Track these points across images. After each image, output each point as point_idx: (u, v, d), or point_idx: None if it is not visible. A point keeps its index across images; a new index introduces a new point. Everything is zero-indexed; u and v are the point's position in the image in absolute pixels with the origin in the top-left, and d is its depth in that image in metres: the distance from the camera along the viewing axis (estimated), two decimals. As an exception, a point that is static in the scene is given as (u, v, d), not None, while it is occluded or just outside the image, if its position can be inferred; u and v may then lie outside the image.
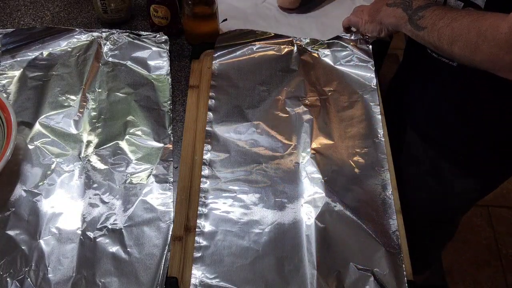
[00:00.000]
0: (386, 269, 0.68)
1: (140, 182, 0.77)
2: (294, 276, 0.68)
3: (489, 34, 0.61)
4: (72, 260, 0.69)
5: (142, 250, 0.70)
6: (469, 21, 0.64)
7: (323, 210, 0.73)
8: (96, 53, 0.91)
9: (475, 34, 0.63)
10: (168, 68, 0.90)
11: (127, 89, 0.87)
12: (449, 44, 0.67)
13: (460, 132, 0.83)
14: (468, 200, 0.99)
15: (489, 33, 0.61)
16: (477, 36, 0.62)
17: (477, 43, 0.62)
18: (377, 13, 0.84)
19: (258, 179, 0.77)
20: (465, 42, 0.64)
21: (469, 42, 0.63)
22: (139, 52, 0.92)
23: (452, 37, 0.66)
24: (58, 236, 0.71)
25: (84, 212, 0.74)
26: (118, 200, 0.75)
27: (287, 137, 0.81)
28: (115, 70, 0.90)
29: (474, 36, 0.63)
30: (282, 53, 0.92)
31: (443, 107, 0.84)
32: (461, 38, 0.65)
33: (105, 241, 0.71)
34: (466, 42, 0.64)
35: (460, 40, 0.65)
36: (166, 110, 0.85)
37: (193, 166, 0.79)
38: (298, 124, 0.82)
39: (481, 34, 0.62)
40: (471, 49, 0.64)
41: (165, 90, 0.88)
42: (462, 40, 0.65)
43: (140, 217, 0.73)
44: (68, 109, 0.84)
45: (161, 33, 0.94)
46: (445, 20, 0.68)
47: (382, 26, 0.85)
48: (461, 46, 0.65)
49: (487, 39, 0.61)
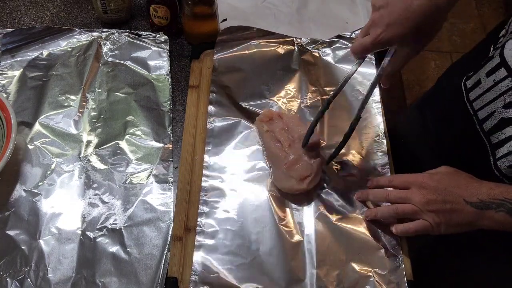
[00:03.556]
0: (386, 269, 0.68)
1: (140, 182, 0.77)
2: (294, 276, 0.68)
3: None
4: (72, 260, 0.69)
5: (142, 250, 0.70)
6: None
7: (323, 210, 0.73)
8: (96, 53, 0.91)
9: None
10: (168, 68, 0.90)
11: (127, 89, 0.87)
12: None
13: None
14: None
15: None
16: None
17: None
18: (451, 214, 0.63)
19: (259, 178, 0.77)
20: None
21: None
22: (139, 52, 0.92)
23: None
24: (58, 236, 0.71)
25: (84, 212, 0.74)
26: (118, 200, 0.75)
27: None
28: (115, 70, 0.90)
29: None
30: (282, 53, 0.92)
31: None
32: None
33: (105, 241, 0.71)
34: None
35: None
36: (166, 110, 0.85)
37: (193, 166, 0.78)
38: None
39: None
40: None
41: (165, 90, 0.87)
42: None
43: (140, 217, 0.73)
44: (68, 109, 0.84)
45: (161, 33, 0.94)
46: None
47: (444, 228, 0.64)
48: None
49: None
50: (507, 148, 0.65)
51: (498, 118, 0.67)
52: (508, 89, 0.65)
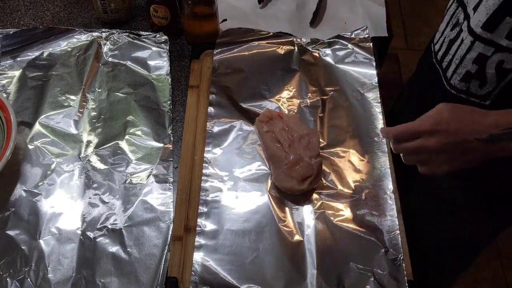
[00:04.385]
0: (386, 269, 0.68)
1: (140, 182, 0.77)
2: (294, 276, 0.68)
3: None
4: (72, 260, 0.69)
5: (142, 250, 0.70)
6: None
7: (323, 210, 0.73)
8: (96, 53, 0.91)
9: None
10: (168, 68, 0.90)
11: (127, 89, 0.87)
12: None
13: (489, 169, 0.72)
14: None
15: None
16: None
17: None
18: (465, 154, 0.62)
19: (259, 178, 0.77)
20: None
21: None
22: (139, 52, 0.92)
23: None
24: (58, 236, 0.71)
25: (84, 212, 0.74)
26: (118, 200, 0.75)
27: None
28: (115, 70, 0.90)
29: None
30: (282, 53, 0.92)
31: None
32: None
33: (105, 241, 0.71)
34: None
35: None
36: (166, 110, 0.85)
37: (193, 165, 0.78)
38: (298, 124, 0.82)
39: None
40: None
41: (165, 90, 0.87)
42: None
43: (140, 217, 0.73)
44: (68, 109, 0.84)
45: (161, 33, 0.94)
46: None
47: (464, 164, 0.63)
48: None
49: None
50: (454, 64, 0.70)
51: (446, 42, 0.72)
52: (453, 12, 0.71)
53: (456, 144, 0.60)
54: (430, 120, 0.61)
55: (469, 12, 0.68)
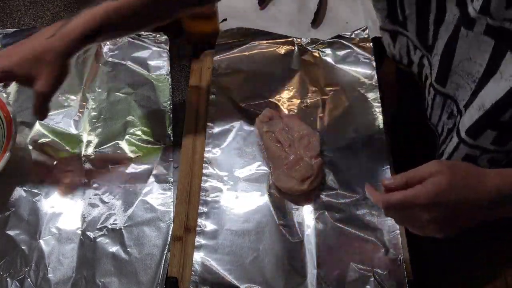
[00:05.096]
0: (386, 269, 0.68)
1: (140, 182, 0.77)
2: (294, 276, 0.68)
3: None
4: (72, 260, 0.69)
5: (142, 250, 0.70)
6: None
7: (323, 210, 0.73)
8: (96, 53, 0.91)
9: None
10: (168, 68, 0.90)
11: (127, 89, 0.87)
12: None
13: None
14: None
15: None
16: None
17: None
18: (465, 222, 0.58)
19: (259, 178, 0.77)
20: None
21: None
22: (139, 52, 0.92)
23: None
24: (58, 236, 0.71)
25: (84, 212, 0.74)
26: (118, 200, 0.75)
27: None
28: (115, 70, 0.90)
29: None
30: (282, 53, 0.92)
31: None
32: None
33: (105, 241, 0.71)
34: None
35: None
36: (166, 110, 0.85)
37: (193, 165, 0.78)
38: (298, 124, 0.82)
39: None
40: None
41: (165, 90, 0.87)
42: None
43: (140, 217, 0.73)
44: (68, 109, 0.84)
45: (161, 33, 0.94)
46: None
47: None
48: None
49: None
50: (446, 154, 0.68)
51: (441, 127, 0.71)
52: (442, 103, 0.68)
53: (456, 215, 0.56)
54: (426, 194, 0.55)
55: (461, 108, 0.64)
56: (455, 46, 0.59)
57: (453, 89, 0.64)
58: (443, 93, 0.66)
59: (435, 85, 0.67)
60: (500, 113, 0.56)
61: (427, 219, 0.56)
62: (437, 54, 0.64)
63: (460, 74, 0.61)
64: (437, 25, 0.62)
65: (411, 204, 0.56)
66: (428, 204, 0.55)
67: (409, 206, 0.56)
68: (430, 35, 0.65)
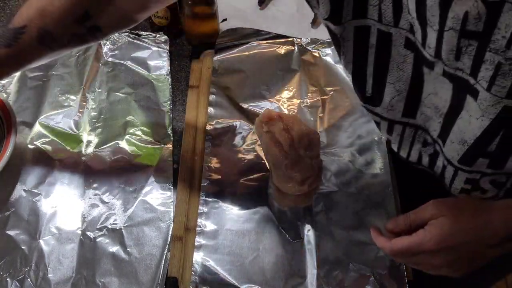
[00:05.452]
0: (386, 269, 0.68)
1: (140, 182, 0.77)
2: (294, 276, 0.68)
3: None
4: (72, 260, 0.69)
5: (142, 250, 0.70)
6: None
7: (323, 210, 0.73)
8: (96, 53, 0.91)
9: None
10: (168, 68, 0.90)
11: (127, 89, 0.87)
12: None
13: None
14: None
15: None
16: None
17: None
18: (471, 263, 0.56)
19: (259, 178, 0.77)
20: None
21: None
22: (139, 52, 0.92)
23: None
24: (58, 236, 0.71)
25: (84, 212, 0.74)
26: (118, 200, 0.75)
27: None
28: (115, 70, 0.90)
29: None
30: (282, 53, 0.92)
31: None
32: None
33: (105, 241, 0.71)
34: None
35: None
36: (166, 110, 0.85)
37: (193, 165, 0.78)
38: (298, 124, 0.82)
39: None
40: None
41: (165, 90, 0.87)
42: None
43: (140, 217, 0.73)
44: (68, 109, 0.84)
45: (161, 33, 0.94)
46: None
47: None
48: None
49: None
50: (447, 183, 0.66)
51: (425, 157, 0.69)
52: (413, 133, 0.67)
53: (466, 257, 0.54)
54: (431, 240, 0.53)
55: (436, 139, 0.63)
56: (422, 80, 0.58)
57: (423, 120, 0.64)
58: (412, 124, 0.66)
59: (402, 120, 0.65)
60: (485, 147, 0.56)
61: (439, 263, 0.55)
62: (402, 92, 0.62)
63: (429, 106, 0.60)
64: (381, 68, 0.60)
65: (417, 251, 0.55)
66: (435, 250, 0.54)
67: (416, 252, 0.55)
68: (369, 85, 0.63)
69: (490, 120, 0.52)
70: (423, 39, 0.51)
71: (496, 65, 0.46)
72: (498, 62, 0.46)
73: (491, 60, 0.46)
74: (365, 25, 0.56)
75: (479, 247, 0.53)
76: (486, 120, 0.52)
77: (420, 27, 0.50)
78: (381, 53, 0.58)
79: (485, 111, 0.51)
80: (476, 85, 0.50)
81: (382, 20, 0.54)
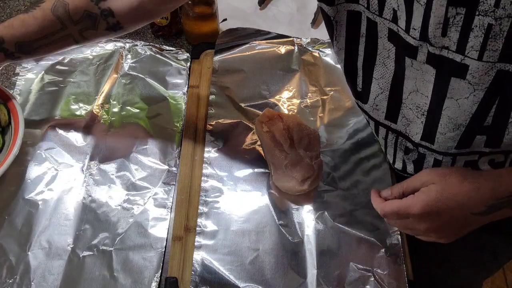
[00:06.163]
0: (386, 269, 0.68)
1: (138, 203, 0.74)
2: (294, 276, 0.68)
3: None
4: (57, 278, 0.66)
5: (129, 277, 0.67)
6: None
7: (323, 210, 0.73)
8: (116, 64, 0.90)
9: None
10: (185, 87, 0.88)
11: (141, 104, 0.85)
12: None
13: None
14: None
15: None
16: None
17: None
18: (459, 229, 0.58)
19: (259, 178, 0.77)
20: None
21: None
22: (159, 67, 0.90)
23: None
24: (47, 251, 0.69)
25: (78, 228, 0.71)
26: (113, 219, 0.72)
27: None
28: (132, 83, 0.88)
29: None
30: (282, 53, 0.92)
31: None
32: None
33: (93, 261, 0.68)
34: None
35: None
36: (177, 131, 0.83)
37: (193, 166, 0.78)
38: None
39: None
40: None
41: (179, 110, 0.85)
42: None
43: (133, 241, 0.71)
44: (79, 119, 0.83)
45: (183, 50, 0.93)
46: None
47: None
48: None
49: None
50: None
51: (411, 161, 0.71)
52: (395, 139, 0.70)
53: (450, 223, 0.56)
54: (418, 203, 0.55)
55: (417, 142, 0.64)
56: (403, 77, 0.58)
57: (404, 125, 0.64)
58: (394, 130, 0.67)
59: (385, 123, 0.67)
60: (482, 121, 0.56)
61: (425, 228, 0.57)
62: (384, 91, 0.64)
63: (411, 108, 0.61)
64: (368, 66, 0.62)
65: (405, 214, 0.57)
66: (421, 214, 0.56)
67: (404, 215, 0.58)
68: (359, 78, 0.65)
69: (485, 91, 0.52)
70: (407, 23, 0.52)
71: (486, 29, 0.46)
72: (488, 24, 0.46)
73: (480, 25, 0.46)
74: (357, 10, 0.58)
75: (464, 214, 0.55)
76: (480, 92, 0.52)
77: (405, 6, 0.51)
78: (369, 44, 0.60)
79: (477, 84, 0.52)
80: (464, 59, 0.50)
81: (369, 7, 0.55)
